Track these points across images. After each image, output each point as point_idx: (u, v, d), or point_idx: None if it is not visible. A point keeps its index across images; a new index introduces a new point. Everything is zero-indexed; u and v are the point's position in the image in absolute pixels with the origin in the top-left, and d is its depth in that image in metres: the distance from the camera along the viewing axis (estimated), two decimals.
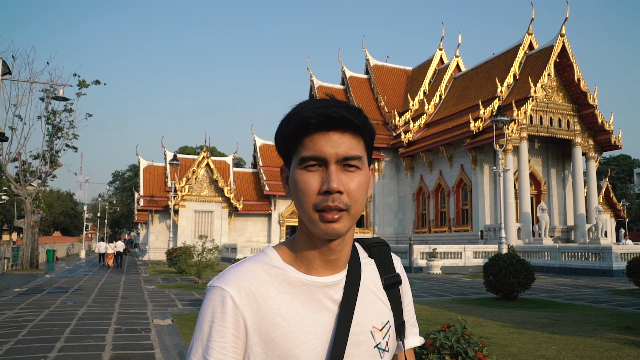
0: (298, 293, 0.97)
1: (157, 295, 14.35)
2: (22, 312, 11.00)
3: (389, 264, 1.13)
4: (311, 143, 0.93)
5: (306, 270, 0.99)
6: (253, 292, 0.94)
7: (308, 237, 0.99)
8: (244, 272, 0.96)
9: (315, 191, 0.92)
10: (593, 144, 33.79)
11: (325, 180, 0.92)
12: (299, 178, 0.94)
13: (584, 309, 11.16)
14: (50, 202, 73.07)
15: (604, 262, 21.07)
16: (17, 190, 27.09)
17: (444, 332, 3.85)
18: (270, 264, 0.99)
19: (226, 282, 0.95)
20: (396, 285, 1.11)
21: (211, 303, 0.94)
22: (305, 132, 0.94)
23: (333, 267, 1.01)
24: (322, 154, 0.92)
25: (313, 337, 0.95)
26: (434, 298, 13.39)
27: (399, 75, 47.68)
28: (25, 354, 6.94)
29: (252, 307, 0.93)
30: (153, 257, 39.57)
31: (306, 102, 0.97)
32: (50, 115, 27.94)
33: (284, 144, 0.99)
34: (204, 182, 39.54)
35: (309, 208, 0.93)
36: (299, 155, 0.94)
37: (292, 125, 0.95)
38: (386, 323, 1.06)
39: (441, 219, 37.52)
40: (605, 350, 6.91)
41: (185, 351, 7.08)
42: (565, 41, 32.27)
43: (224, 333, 0.91)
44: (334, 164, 0.93)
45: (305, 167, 0.94)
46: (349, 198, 0.93)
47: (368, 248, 1.13)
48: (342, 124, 0.93)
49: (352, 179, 0.94)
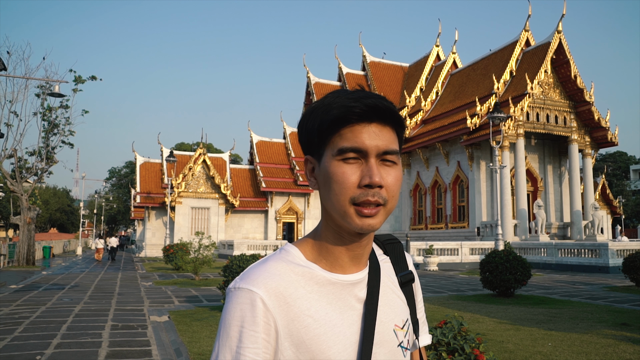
0: (325, 292, 0.94)
1: (154, 292, 14.34)
2: (18, 309, 10.98)
3: (403, 261, 1.12)
4: (351, 134, 0.90)
5: (330, 267, 0.97)
6: (282, 293, 0.90)
7: (335, 231, 0.95)
8: (270, 271, 0.92)
9: (354, 184, 0.89)
10: (589, 141, 33.86)
11: (367, 173, 0.89)
12: (336, 170, 0.90)
13: (580, 305, 11.19)
14: (47, 198, 72.88)
15: (600, 259, 21.14)
16: (13, 187, 26.99)
17: (440, 328, 3.84)
18: (295, 263, 0.95)
19: (254, 283, 0.90)
20: (410, 282, 1.11)
21: (239, 306, 0.88)
22: (347, 122, 0.90)
23: (358, 263, 0.99)
24: (363, 145, 0.89)
25: (343, 337, 0.92)
26: (431, 295, 13.41)
27: (395, 72, 47.65)
28: (21, 350, 6.92)
29: (282, 310, 0.89)
30: (150, 254, 39.52)
31: (342, 92, 0.93)
32: (46, 112, 27.82)
33: (318, 133, 0.93)
34: (201, 179, 39.48)
35: (345, 201, 0.89)
36: (337, 146, 0.90)
37: (333, 114, 0.90)
38: (406, 321, 1.05)
39: (438, 216, 37.58)
40: (601, 346, 6.93)
41: (182, 348, 7.07)
42: (562, 38, 32.29)
43: (256, 338, 0.86)
44: (374, 157, 0.90)
45: (343, 159, 0.90)
46: (387, 193, 0.91)
47: (383, 245, 1.12)
48: (387, 116, 0.91)
49: (390, 174, 0.91)
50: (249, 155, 45.78)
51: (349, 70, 46.73)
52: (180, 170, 39.28)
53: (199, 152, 39.39)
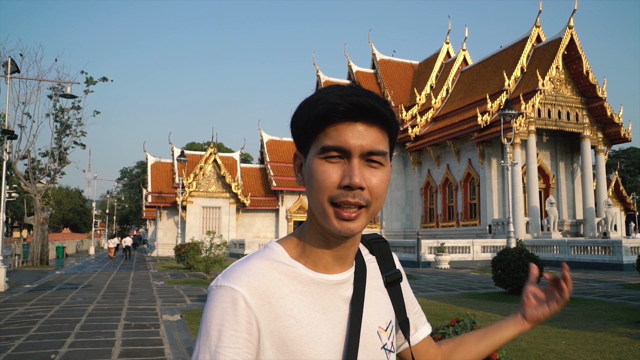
0: (309, 292, 0.91)
1: (166, 291, 14.42)
2: (33, 308, 11.10)
3: (390, 261, 1.09)
4: (335, 132, 0.87)
5: (314, 266, 0.94)
6: (265, 292, 0.87)
7: (319, 232, 0.93)
8: (253, 270, 0.89)
9: (334, 184, 0.86)
10: (602, 137, 33.53)
11: (347, 173, 0.86)
12: (317, 168, 0.87)
13: (593, 303, 11.09)
14: (60, 199, 73.56)
15: (613, 256, 20.94)
16: (26, 188, 27.29)
17: (453, 327, 3.83)
18: (278, 261, 0.92)
19: (236, 281, 0.87)
20: (397, 282, 1.07)
21: (220, 305, 0.85)
22: (331, 120, 0.87)
23: (342, 263, 0.96)
24: (346, 145, 0.86)
25: (326, 339, 0.90)
26: (443, 293, 13.37)
27: (405, 70, 47.50)
28: (36, 349, 7.00)
29: (264, 309, 0.86)
30: (161, 253, 39.77)
31: (333, 87, 0.90)
32: (59, 113, 28.10)
33: (304, 130, 0.91)
34: (212, 178, 39.64)
35: (323, 200, 0.87)
36: (320, 144, 0.88)
37: (318, 111, 0.87)
38: (389, 323, 1.03)
39: (449, 214, 37.42)
40: (615, 344, 6.87)
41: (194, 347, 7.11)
42: (574, 33, 31.98)
43: (237, 338, 0.83)
44: (358, 157, 0.87)
45: (325, 157, 0.87)
46: (370, 195, 0.87)
47: (369, 244, 1.08)
48: (372, 115, 0.87)
49: (375, 175, 0.88)
50: (260, 154, 45.89)
51: (358, 69, 46.64)
52: (191, 170, 39.48)
53: (209, 151, 39.55)
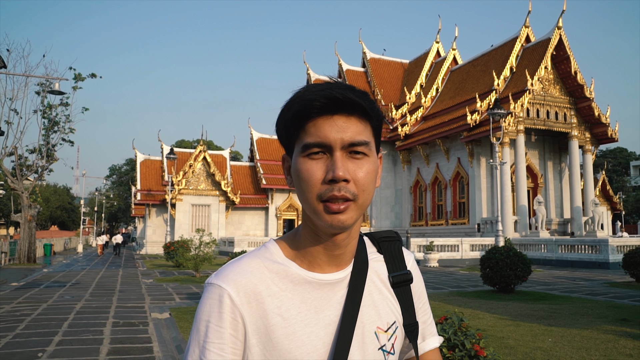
0: (300, 291, 0.91)
1: (155, 289, 14.35)
2: (19, 306, 11.00)
3: (399, 261, 1.05)
4: (314, 128, 0.87)
5: (309, 266, 0.94)
6: (252, 290, 0.89)
7: (312, 230, 0.93)
8: (243, 268, 0.91)
9: (319, 180, 0.86)
10: (590, 137, 33.83)
11: (330, 168, 0.85)
12: (302, 167, 0.87)
13: (580, 301, 11.21)
14: (47, 196, 72.93)
15: (600, 255, 21.16)
16: (13, 185, 27.01)
17: (441, 324, 3.86)
18: (271, 260, 0.93)
19: (224, 279, 0.89)
20: (406, 283, 1.04)
21: (208, 302, 0.88)
22: (308, 117, 0.87)
23: (338, 263, 0.95)
24: (326, 139, 0.86)
25: (315, 338, 0.90)
26: (431, 291, 13.43)
27: (395, 69, 47.61)
28: (23, 347, 6.94)
29: (251, 306, 0.88)
30: (150, 251, 39.56)
31: (309, 86, 0.90)
32: (47, 109, 27.81)
33: (285, 132, 0.92)
34: (201, 176, 39.49)
35: (312, 199, 0.86)
36: (302, 142, 0.88)
37: (294, 110, 0.88)
38: (392, 324, 1.00)
39: (438, 212, 37.59)
40: (601, 342, 6.95)
41: (183, 345, 7.09)
42: (562, 34, 32.23)
43: (222, 334, 0.86)
44: (340, 150, 0.86)
45: (308, 155, 0.87)
46: (357, 187, 0.86)
47: (377, 243, 1.06)
48: (348, 107, 0.87)
49: (360, 166, 0.87)
50: (250, 152, 45.80)
51: (349, 67, 46.69)
52: (180, 168, 39.30)
53: (199, 149, 39.39)
